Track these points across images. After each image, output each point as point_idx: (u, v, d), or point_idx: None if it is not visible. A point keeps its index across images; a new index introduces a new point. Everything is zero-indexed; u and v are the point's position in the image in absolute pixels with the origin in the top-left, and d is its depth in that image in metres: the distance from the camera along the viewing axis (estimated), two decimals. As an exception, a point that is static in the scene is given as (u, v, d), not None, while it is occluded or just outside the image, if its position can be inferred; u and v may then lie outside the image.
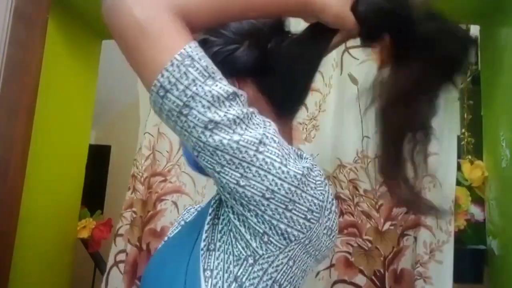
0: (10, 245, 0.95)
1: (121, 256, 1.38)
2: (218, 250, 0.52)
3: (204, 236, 0.53)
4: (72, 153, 1.31)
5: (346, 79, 1.31)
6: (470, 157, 1.19)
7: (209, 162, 0.47)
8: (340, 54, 1.32)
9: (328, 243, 0.58)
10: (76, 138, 1.33)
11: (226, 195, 0.49)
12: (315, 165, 0.54)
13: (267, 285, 0.51)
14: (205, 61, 0.47)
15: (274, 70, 0.62)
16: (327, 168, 1.25)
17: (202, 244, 0.52)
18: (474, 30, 1.27)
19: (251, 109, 0.48)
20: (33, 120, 1.00)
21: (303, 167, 0.50)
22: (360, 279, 1.24)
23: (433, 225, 1.18)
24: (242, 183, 0.46)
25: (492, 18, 1.11)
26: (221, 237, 0.52)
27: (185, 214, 0.70)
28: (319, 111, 1.33)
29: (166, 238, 0.67)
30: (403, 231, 1.23)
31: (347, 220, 1.26)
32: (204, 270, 0.51)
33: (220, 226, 0.53)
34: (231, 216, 0.51)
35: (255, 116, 0.49)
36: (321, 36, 0.62)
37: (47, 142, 1.16)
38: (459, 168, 1.20)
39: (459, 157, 1.21)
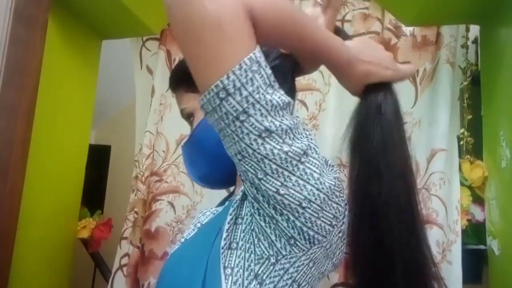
0: (10, 245, 0.95)
1: (126, 260, 1.38)
2: (240, 249, 0.52)
3: (224, 235, 0.54)
4: (72, 153, 1.31)
5: None
6: (470, 157, 1.19)
7: (252, 168, 0.47)
8: None
9: (342, 246, 0.60)
10: (76, 138, 1.33)
11: (259, 197, 0.49)
12: (337, 170, 0.57)
13: (286, 284, 0.52)
14: (269, 68, 0.46)
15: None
16: (327, 168, 1.26)
17: (223, 242, 0.53)
18: (474, 30, 1.27)
19: (296, 118, 0.49)
20: (33, 120, 1.00)
21: (334, 177, 0.52)
22: None
23: (444, 224, 1.16)
24: (281, 192, 0.47)
25: (492, 18, 1.11)
26: (244, 236, 0.53)
27: (200, 216, 0.70)
28: (319, 111, 1.33)
29: (182, 240, 0.67)
30: None
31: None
32: (225, 267, 0.52)
33: (243, 226, 0.54)
34: (257, 217, 0.51)
35: (300, 126, 0.49)
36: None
37: (47, 142, 1.16)
38: (459, 168, 1.20)
39: (459, 157, 1.21)
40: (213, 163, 0.66)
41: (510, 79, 1.01)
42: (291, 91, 0.65)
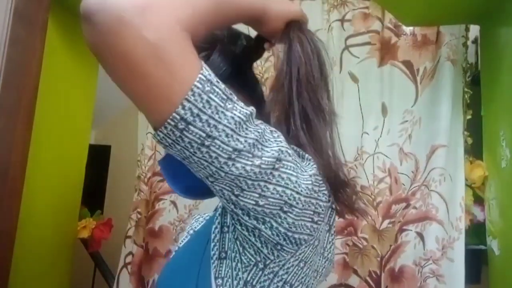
0: (10, 245, 0.95)
1: (131, 258, 1.39)
2: (228, 258, 0.51)
3: (212, 244, 0.53)
4: (72, 153, 1.31)
5: (345, 77, 1.31)
6: (470, 157, 1.19)
7: (227, 186, 0.45)
8: (340, 52, 1.32)
9: (331, 239, 0.59)
10: (76, 138, 1.33)
11: (237, 211, 0.48)
12: (314, 165, 0.54)
13: (277, 286, 0.51)
14: (220, 81, 0.43)
15: (248, 72, 0.63)
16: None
17: (212, 252, 0.52)
18: (474, 30, 1.27)
19: (259, 124, 0.46)
20: (33, 120, 1.00)
21: (310, 175, 0.50)
22: (353, 280, 1.21)
23: (444, 221, 1.15)
24: (261, 203, 0.46)
25: (492, 18, 1.11)
26: (231, 245, 0.52)
27: (193, 223, 0.69)
28: None
29: (177, 248, 0.67)
30: (402, 227, 1.20)
31: (347, 219, 1.24)
32: (216, 278, 0.51)
33: (229, 234, 0.52)
34: (238, 227, 0.50)
35: (265, 131, 0.47)
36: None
37: (47, 142, 1.16)
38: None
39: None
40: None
41: (510, 79, 1.01)
42: (250, 83, 0.64)
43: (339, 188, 0.58)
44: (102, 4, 0.37)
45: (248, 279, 0.50)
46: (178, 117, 0.40)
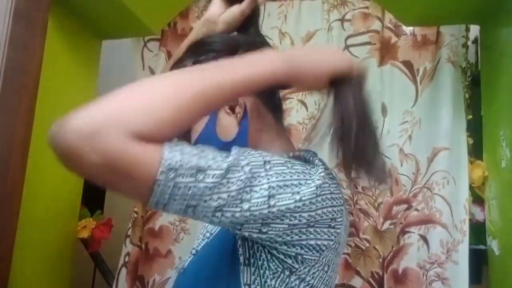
0: (10, 245, 0.95)
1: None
2: (253, 266, 0.52)
3: (240, 251, 0.54)
4: (72, 153, 1.31)
5: None
6: (470, 157, 1.19)
7: (227, 226, 0.48)
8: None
9: (346, 238, 0.60)
10: (76, 138, 1.33)
11: (252, 238, 0.50)
12: (322, 164, 0.55)
13: None
14: (185, 159, 0.43)
15: None
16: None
17: (241, 258, 0.53)
18: (474, 30, 1.27)
19: (244, 167, 0.46)
20: (33, 120, 1.00)
21: (315, 186, 0.50)
22: (356, 281, 1.21)
23: (449, 224, 1.15)
24: (264, 230, 0.47)
25: (492, 18, 1.11)
26: (254, 253, 0.53)
27: (208, 225, 0.69)
28: (318, 110, 1.32)
29: (194, 251, 0.66)
30: (404, 228, 1.19)
31: (350, 220, 1.24)
32: (244, 285, 0.52)
33: (250, 243, 0.53)
34: (261, 242, 0.51)
35: (253, 169, 0.46)
36: None
37: (47, 142, 1.16)
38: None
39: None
40: None
41: (510, 79, 1.01)
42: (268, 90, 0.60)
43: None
44: (56, 138, 0.42)
45: (277, 285, 0.52)
46: (153, 203, 0.43)
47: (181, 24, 1.47)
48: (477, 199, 1.16)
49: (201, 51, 0.63)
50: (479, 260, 1.14)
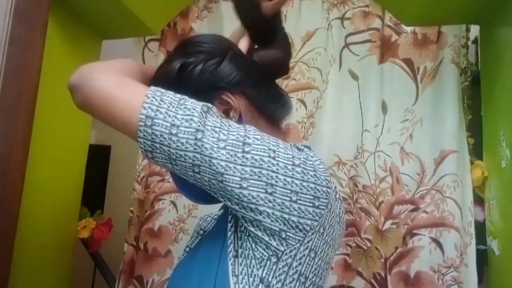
0: (10, 245, 0.95)
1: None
2: (241, 257, 0.53)
3: (228, 242, 0.55)
4: (72, 153, 1.31)
5: (345, 75, 1.31)
6: (470, 157, 1.19)
7: (211, 174, 0.50)
8: (339, 50, 1.32)
9: (341, 231, 0.61)
10: (76, 138, 1.33)
11: (235, 207, 0.51)
12: (314, 155, 0.56)
13: (293, 279, 0.53)
14: (162, 110, 0.51)
15: (259, 79, 0.63)
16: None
17: (228, 250, 0.54)
18: (474, 30, 1.27)
19: (225, 119, 0.53)
20: (33, 120, 1.00)
21: (294, 157, 0.52)
22: (358, 282, 1.20)
23: (460, 227, 1.14)
24: (244, 185, 0.49)
25: (492, 18, 1.11)
26: (241, 244, 0.54)
27: (202, 223, 0.70)
28: (316, 108, 1.32)
29: (187, 249, 0.66)
30: (411, 230, 1.18)
31: (347, 219, 1.23)
32: (233, 276, 0.53)
33: (239, 234, 0.55)
34: (245, 224, 0.52)
35: (233, 124, 0.53)
36: None
37: (47, 142, 1.16)
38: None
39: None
40: None
41: (510, 79, 1.01)
42: (268, 92, 0.66)
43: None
44: (78, 76, 0.60)
45: (264, 275, 0.52)
46: (143, 116, 0.50)
47: (181, 24, 1.47)
48: (477, 199, 1.16)
49: (191, 51, 0.63)
50: (479, 260, 1.14)
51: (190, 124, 0.49)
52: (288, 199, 0.50)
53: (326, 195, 0.54)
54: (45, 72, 1.04)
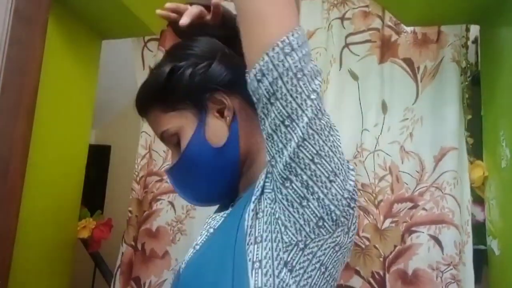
0: (10, 245, 0.95)
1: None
2: (265, 240, 0.53)
3: (248, 231, 0.54)
4: (72, 153, 1.31)
5: (345, 75, 1.30)
6: (470, 157, 1.19)
7: (296, 133, 0.49)
8: (340, 50, 1.32)
9: (353, 236, 0.61)
10: (76, 138, 1.33)
11: (292, 178, 0.51)
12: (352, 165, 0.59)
13: (315, 267, 0.53)
14: (304, 50, 0.50)
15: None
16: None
17: (248, 238, 0.54)
18: (474, 30, 1.27)
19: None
20: (33, 120, 1.00)
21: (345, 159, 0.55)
22: (356, 281, 1.19)
23: (459, 224, 1.13)
24: (316, 160, 0.50)
25: (492, 18, 1.11)
26: (267, 227, 0.54)
27: (211, 222, 0.69)
28: None
29: (197, 247, 0.66)
30: (410, 228, 1.17)
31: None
32: (253, 262, 0.53)
33: (265, 218, 0.54)
34: (285, 203, 0.52)
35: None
36: None
37: (47, 142, 1.16)
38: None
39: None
40: (213, 178, 0.64)
41: (510, 79, 1.01)
42: None
43: None
44: None
45: (289, 259, 0.52)
46: (287, 41, 0.48)
47: (180, 24, 1.47)
48: (477, 199, 1.16)
49: (181, 55, 0.63)
50: (479, 260, 1.14)
51: (313, 81, 0.49)
52: (341, 194, 0.52)
53: (356, 198, 0.56)
54: (45, 72, 1.04)
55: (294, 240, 0.52)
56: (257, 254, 0.53)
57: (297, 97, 0.48)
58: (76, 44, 1.27)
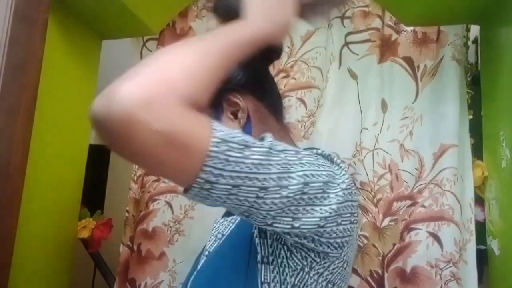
0: (10, 245, 0.95)
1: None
2: (272, 264, 0.53)
3: (258, 249, 0.54)
4: (72, 153, 1.31)
5: (344, 73, 1.30)
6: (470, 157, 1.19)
7: (260, 219, 0.47)
8: (339, 48, 1.31)
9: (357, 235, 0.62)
10: (76, 138, 1.33)
11: (278, 233, 0.51)
12: (345, 168, 0.57)
13: (322, 286, 0.53)
14: (235, 135, 0.44)
15: (266, 82, 0.63)
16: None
17: (259, 257, 0.54)
18: (474, 30, 1.27)
19: (280, 153, 0.47)
20: (33, 120, 1.00)
21: (341, 183, 0.52)
22: (353, 280, 1.18)
23: (460, 222, 1.12)
24: (296, 225, 0.48)
25: (492, 18, 1.11)
26: (273, 251, 0.54)
27: (218, 227, 0.68)
28: (317, 107, 1.32)
29: (206, 253, 0.66)
30: (409, 225, 1.17)
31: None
32: (262, 283, 0.53)
33: (269, 241, 0.54)
34: (284, 236, 0.52)
35: (288, 156, 0.48)
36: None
37: (47, 142, 1.16)
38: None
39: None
40: None
41: (510, 79, 1.01)
42: (269, 86, 0.66)
43: None
44: (107, 109, 0.38)
45: (296, 283, 0.52)
46: (202, 181, 0.42)
47: (180, 23, 1.47)
48: (477, 199, 1.16)
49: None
50: (480, 260, 1.14)
51: (253, 183, 0.44)
52: (335, 224, 0.50)
53: (357, 209, 0.55)
54: (45, 72, 1.04)
55: (299, 265, 0.52)
56: (265, 275, 0.53)
57: (243, 203, 0.45)
58: (76, 44, 1.27)
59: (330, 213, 0.49)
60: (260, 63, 0.63)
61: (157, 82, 0.40)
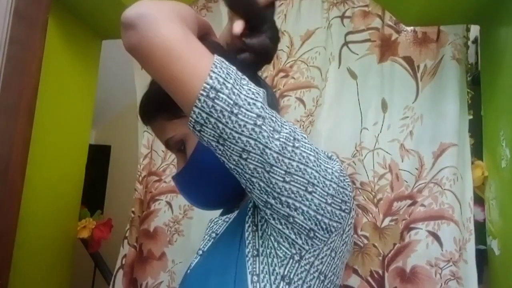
0: (10, 245, 0.95)
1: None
2: (262, 255, 0.54)
3: (246, 242, 0.55)
4: (72, 153, 1.31)
5: (344, 73, 1.30)
6: (470, 157, 1.19)
7: (259, 162, 0.49)
8: (339, 48, 1.31)
9: (353, 233, 0.62)
10: (76, 138, 1.33)
11: (271, 201, 0.51)
12: (338, 163, 0.59)
13: (314, 277, 0.54)
14: (229, 81, 0.48)
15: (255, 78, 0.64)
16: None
17: (247, 250, 0.55)
18: (474, 30, 1.27)
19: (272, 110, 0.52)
20: (33, 120, 1.00)
21: (331, 161, 0.55)
22: (354, 280, 1.18)
23: (459, 221, 1.12)
24: (287, 179, 0.49)
25: (492, 18, 1.11)
26: (262, 242, 0.55)
27: (213, 226, 0.69)
28: (315, 107, 1.32)
29: (200, 252, 0.66)
30: (409, 225, 1.16)
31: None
32: (252, 275, 0.53)
33: (259, 233, 0.55)
34: (272, 222, 0.53)
35: (277, 115, 0.52)
36: None
37: (47, 142, 1.16)
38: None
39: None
40: (219, 183, 0.64)
41: (510, 79, 1.01)
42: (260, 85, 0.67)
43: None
44: (139, 13, 0.49)
45: (285, 273, 0.53)
46: (208, 86, 0.46)
47: (180, 23, 1.46)
48: (477, 199, 1.16)
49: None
50: (480, 260, 1.14)
51: (252, 108, 0.47)
52: (324, 201, 0.51)
53: (350, 200, 0.56)
54: (45, 72, 1.04)
55: (288, 254, 0.53)
56: (254, 268, 0.53)
57: (243, 131, 0.47)
58: (76, 44, 1.27)
59: (319, 182, 0.51)
60: (249, 69, 0.63)
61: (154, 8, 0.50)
